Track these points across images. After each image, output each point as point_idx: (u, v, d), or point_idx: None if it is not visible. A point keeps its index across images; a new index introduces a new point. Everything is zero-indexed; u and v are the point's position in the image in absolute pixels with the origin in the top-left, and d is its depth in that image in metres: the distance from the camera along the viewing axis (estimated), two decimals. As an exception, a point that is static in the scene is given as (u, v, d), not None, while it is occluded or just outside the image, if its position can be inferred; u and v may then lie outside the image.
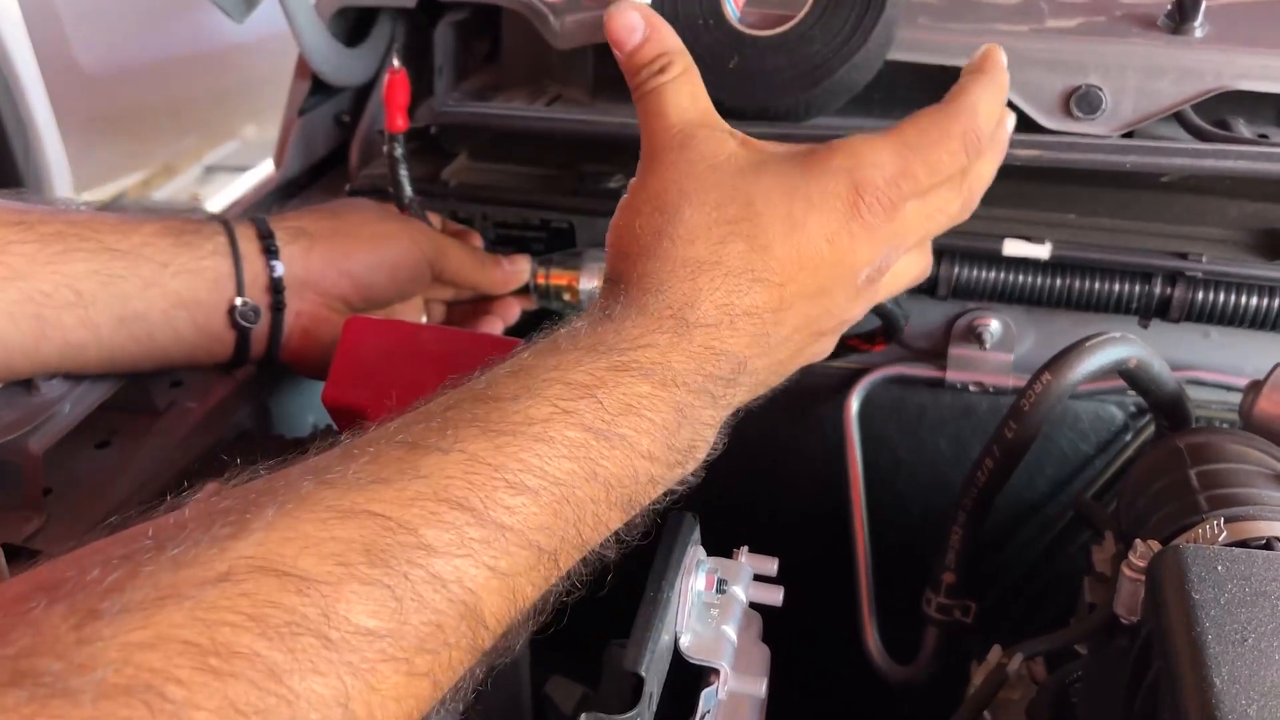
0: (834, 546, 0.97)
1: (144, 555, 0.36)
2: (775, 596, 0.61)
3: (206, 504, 0.40)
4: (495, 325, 0.87)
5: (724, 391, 0.53)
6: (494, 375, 0.48)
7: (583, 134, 0.83)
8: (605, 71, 0.91)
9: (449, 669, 0.40)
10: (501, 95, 1.05)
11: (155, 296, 0.70)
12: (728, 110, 0.80)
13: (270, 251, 0.75)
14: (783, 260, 0.53)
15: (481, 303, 0.88)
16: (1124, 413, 0.92)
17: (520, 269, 0.86)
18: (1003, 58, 0.60)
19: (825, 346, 0.60)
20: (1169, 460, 0.64)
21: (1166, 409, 0.77)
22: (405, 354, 0.67)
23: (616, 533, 0.50)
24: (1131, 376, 0.74)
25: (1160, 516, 0.60)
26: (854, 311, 0.58)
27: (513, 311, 0.88)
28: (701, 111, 0.59)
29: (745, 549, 0.64)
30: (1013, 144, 0.75)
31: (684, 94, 0.58)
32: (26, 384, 0.71)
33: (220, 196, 3.60)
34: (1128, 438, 0.94)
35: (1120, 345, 0.72)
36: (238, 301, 0.73)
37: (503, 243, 0.97)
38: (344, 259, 0.78)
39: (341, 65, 1.05)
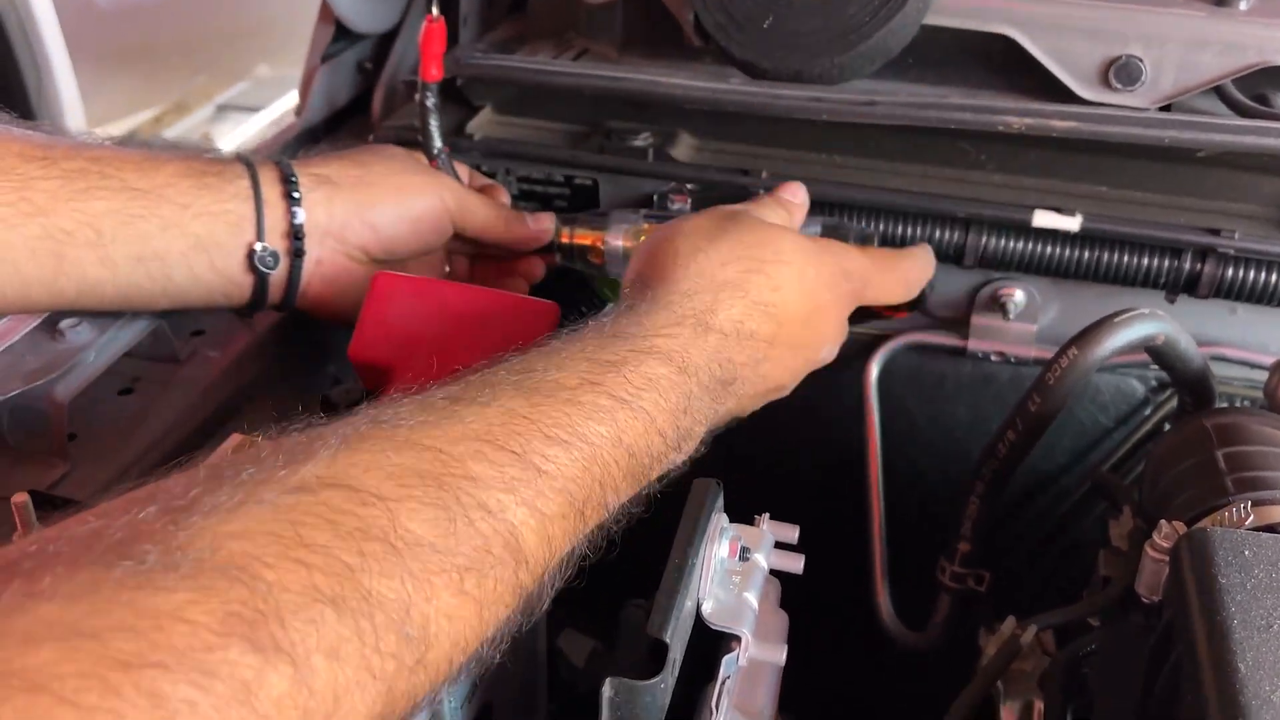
0: (848, 510, 0.97)
1: (225, 475, 0.39)
2: (796, 564, 0.62)
3: (276, 441, 0.44)
4: (519, 284, 0.87)
5: (720, 396, 0.58)
6: (524, 355, 0.52)
7: (610, 91, 0.82)
8: (634, 28, 0.90)
9: (493, 597, 0.43)
10: (527, 48, 1.04)
11: (174, 238, 0.69)
12: (761, 72, 0.80)
13: (292, 198, 0.74)
14: (788, 306, 0.62)
15: (506, 261, 0.88)
16: (1145, 386, 0.92)
17: (545, 227, 0.85)
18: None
19: (778, 394, 0.68)
20: (1195, 440, 0.64)
21: (1191, 386, 0.77)
22: (433, 312, 0.67)
23: (622, 506, 0.53)
24: (1158, 353, 0.74)
25: (1185, 497, 0.60)
26: (799, 377, 0.69)
27: (537, 269, 0.88)
28: None
29: (767, 516, 0.64)
30: (1050, 115, 0.75)
31: None
32: (51, 331, 0.71)
33: (232, 135, 3.58)
34: (1147, 411, 0.93)
35: (1149, 321, 0.72)
36: (257, 247, 0.72)
37: (526, 198, 0.96)
38: (367, 209, 0.77)
39: (365, 11, 1.04)
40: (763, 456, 0.99)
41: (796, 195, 0.74)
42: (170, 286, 0.71)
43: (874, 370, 0.95)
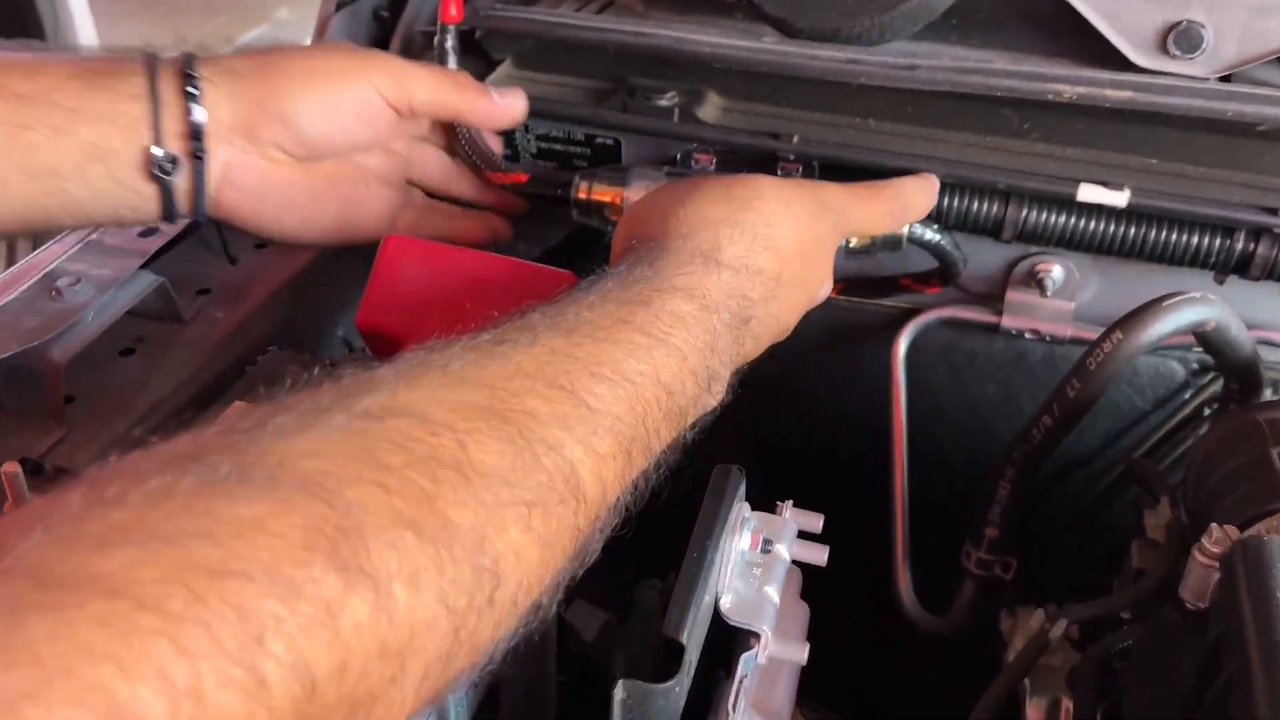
0: (870, 489, 0.94)
1: (286, 408, 0.38)
2: (820, 556, 0.59)
3: (331, 381, 0.42)
4: (478, 233, 0.82)
5: (740, 335, 0.57)
6: (550, 304, 0.51)
7: (635, 47, 0.78)
8: (661, -23, 0.86)
9: (554, 538, 0.42)
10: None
11: (66, 147, 0.63)
12: (795, 30, 0.75)
13: (189, 93, 0.66)
14: (785, 240, 0.60)
15: (467, 210, 0.83)
16: (1186, 369, 0.88)
17: (514, 103, 0.78)
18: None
19: (783, 335, 0.65)
20: (1247, 435, 0.60)
21: (1239, 373, 0.73)
22: (445, 279, 0.64)
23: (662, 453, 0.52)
24: (1206, 339, 0.70)
25: (1236, 498, 0.56)
26: (799, 316, 0.66)
27: (504, 228, 0.84)
28: None
29: (790, 504, 0.61)
30: (1103, 84, 0.70)
31: None
32: (49, 289, 0.69)
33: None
34: (1187, 395, 0.90)
35: (1200, 306, 0.68)
36: (154, 151, 0.65)
37: (544, 156, 0.92)
38: (274, 99, 0.68)
39: (382, -44, 1.00)
40: (784, 432, 0.96)
41: None
42: (70, 203, 0.65)
43: (902, 345, 0.92)
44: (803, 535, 0.60)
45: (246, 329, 0.78)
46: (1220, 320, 0.69)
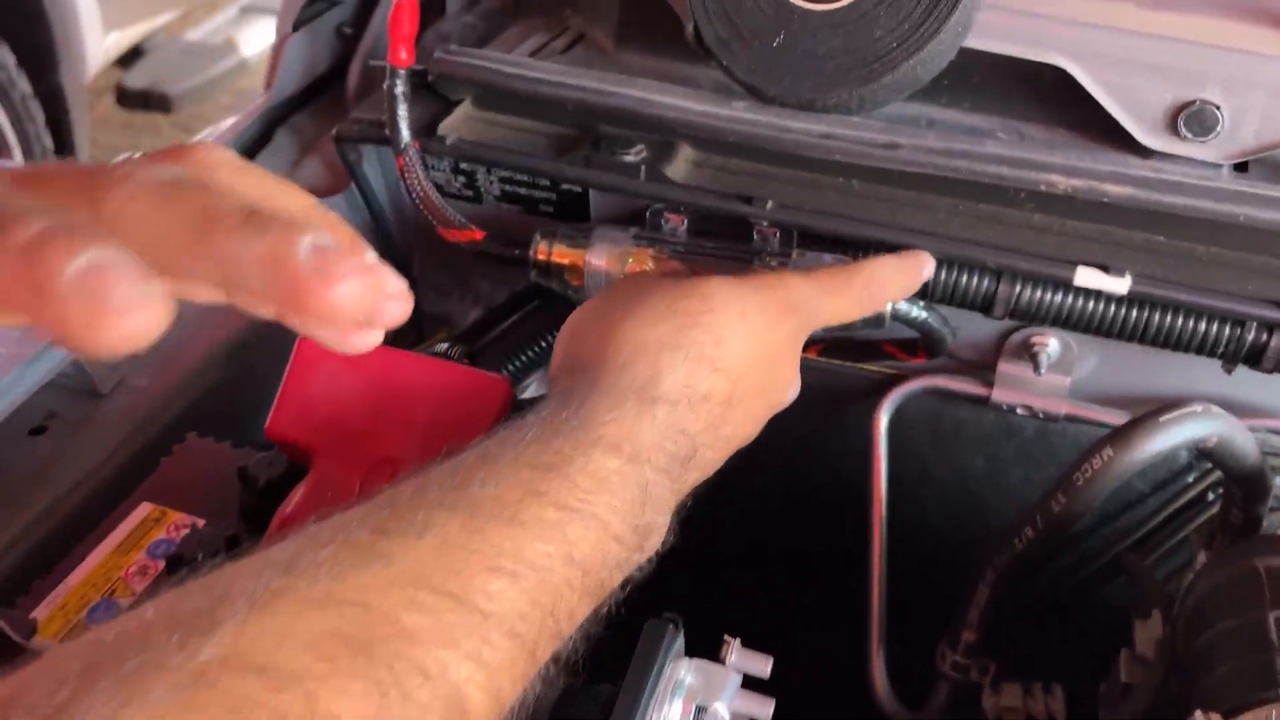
0: (848, 561, 0.89)
1: (104, 665, 0.32)
2: (765, 709, 0.53)
3: (170, 603, 0.36)
4: None
5: (679, 475, 0.51)
6: (459, 461, 0.45)
7: (595, 107, 0.71)
8: (631, 17, 0.79)
9: None
10: (518, 26, 0.93)
11: None
12: (768, 97, 0.69)
13: None
14: (737, 357, 0.54)
15: None
16: (1189, 452, 0.82)
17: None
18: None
19: (745, 443, 0.59)
20: (1244, 586, 0.54)
21: (1243, 483, 0.67)
22: (364, 384, 0.58)
23: (582, 625, 0.46)
24: (1209, 452, 0.64)
25: (1227, 671, 0.51)
26: (763, 423, 0.60)
27: None
28: None
29: (736, 644, 0.56)
30: (1103, 177, 0.63)
31: None
32: (-56, 373, 0.63)
33: (256, 36, 3.47)
34: (1190, 479, 0.84)
35: (1200, 422, 0.62)
36: None
37: (508, 199, 0.86)
38: None
39: (340, -25, 0.93)
40: (762, 493, 0.91)
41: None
42: None
43: (885, 413, 0.86)
44: (748, 683, 0.54)
45: (170, 402, 0.72)
46: (1223, 435, 0.63)
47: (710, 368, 0.53)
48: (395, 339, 1.01)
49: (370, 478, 0.55)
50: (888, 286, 0.66)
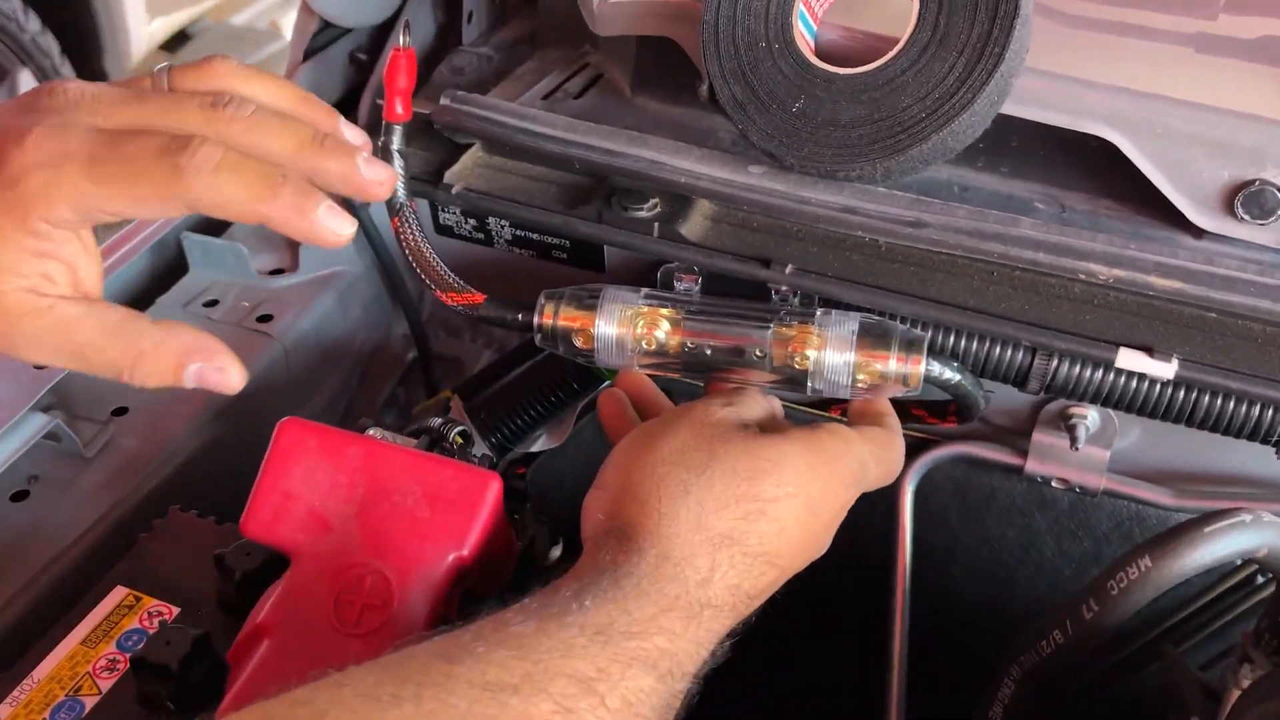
0: (870, 627, 0.84)
1: None
2: None
3: None
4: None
5: (702, 668, 0.49)
6: (491, 645, 0.42)
7: (603, 168, 0.67)
8: (647, 62, 0.74)
9: None
10: (537, 56, 0.89)
11: None
12: (787, 166, 0.64)
13: None
14: (793, 543, 0.53)
15: None
16: (1237, 534, 0.76)
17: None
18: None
19: None
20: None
21: (1295, 588, 0.62)
22: (347, 477, 0.54)
23: None
24: (1260, 562, 0.59)
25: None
26: None
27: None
28: None
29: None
30: (1148, 268, 0.58)
31: None
32: (-82, 445, 0.61)
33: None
34: (1238, 561, 0.78)
35: (1249, 532, 0.57)
36: None
37: (520, 245, 0.82)
38: None
39: (351, 4, 0.90)
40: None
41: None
42: None
43: (912, 480, 0.81)
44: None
45: (156, 468, 0.70)
46: (1276, 546, 0.58)
47: (765, 562, 0.51)
48: (407, 380, 0.98)
49: (347, 590, 0.52)
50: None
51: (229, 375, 0.51)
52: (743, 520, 0.50)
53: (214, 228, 0.89)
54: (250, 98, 0.48)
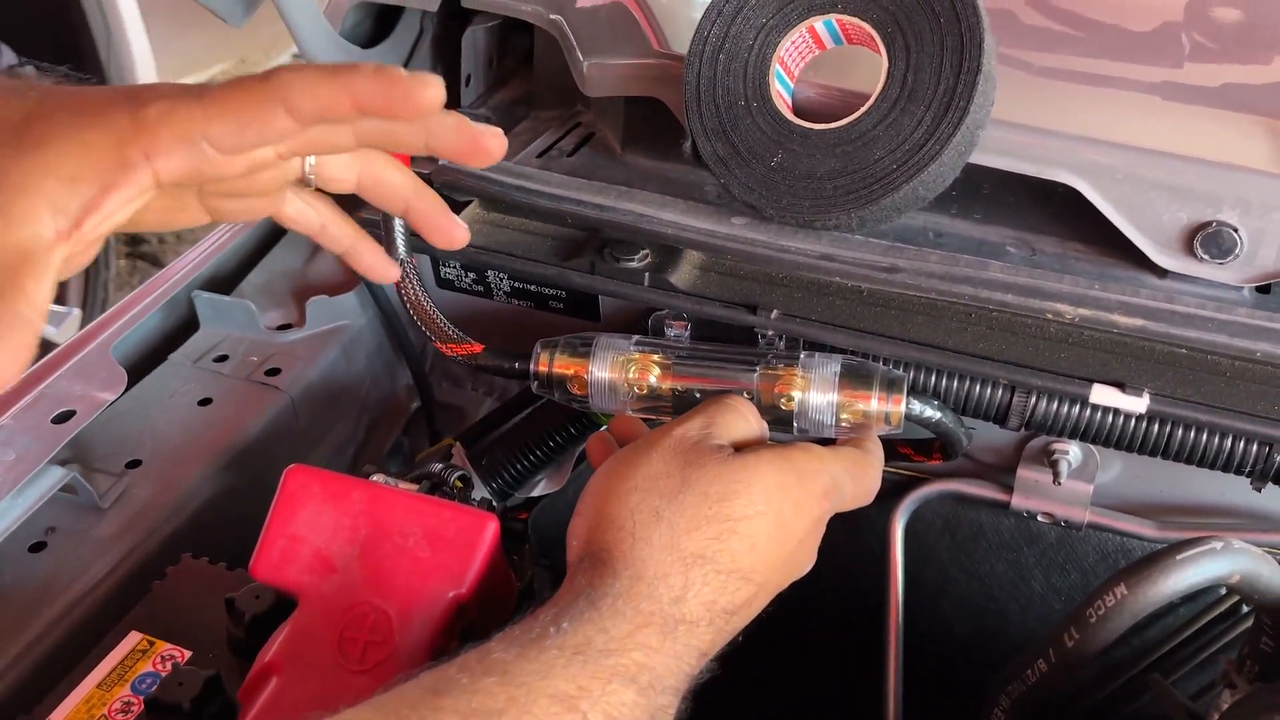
0: (864, 662, 0.86)
1: None
2: None
3: None
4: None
5: (687, 684, 0.50)
6: (475, 675, 0.44)
7: (594, 222, 0.70)
8: (635, 121, 0.78)
9: None
10: (531, 118, 0.92)
11: None
12: (767, 217, 0.67)
13: None
14: (767, 559, 0.54)
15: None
16: (1220, 564, 0.78)
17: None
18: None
19: None
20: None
21: (1275, 613, 0.64)
22: (350, 521, 0.57)
23: None
24: (1233, 588, 0.61)
25: None
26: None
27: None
28: None
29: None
30: (1111, 307, 0.61)
31: None
32: (-60, 499, 0.64)
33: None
34: (1222, 590, 0.80)
35: (1220, 559, 0.59)
36: None
37: (518, 296, 0.86)
38: None
39: (354, 70, 0.93)
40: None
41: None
42: None
43: (902, 516, 0.84)
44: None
45: (174, 512, 0.72)
46: (1246, 572, 0.60)
47: (739, 579, 0.52)
48: (411, 429, 1.00)
49: (350, 628, 0.54)
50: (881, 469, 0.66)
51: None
52: (714, 540, 0.52)
53: (224, 286, 0.92)
54: None
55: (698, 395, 0.66)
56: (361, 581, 0.55)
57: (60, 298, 2.37)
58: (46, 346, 2.24)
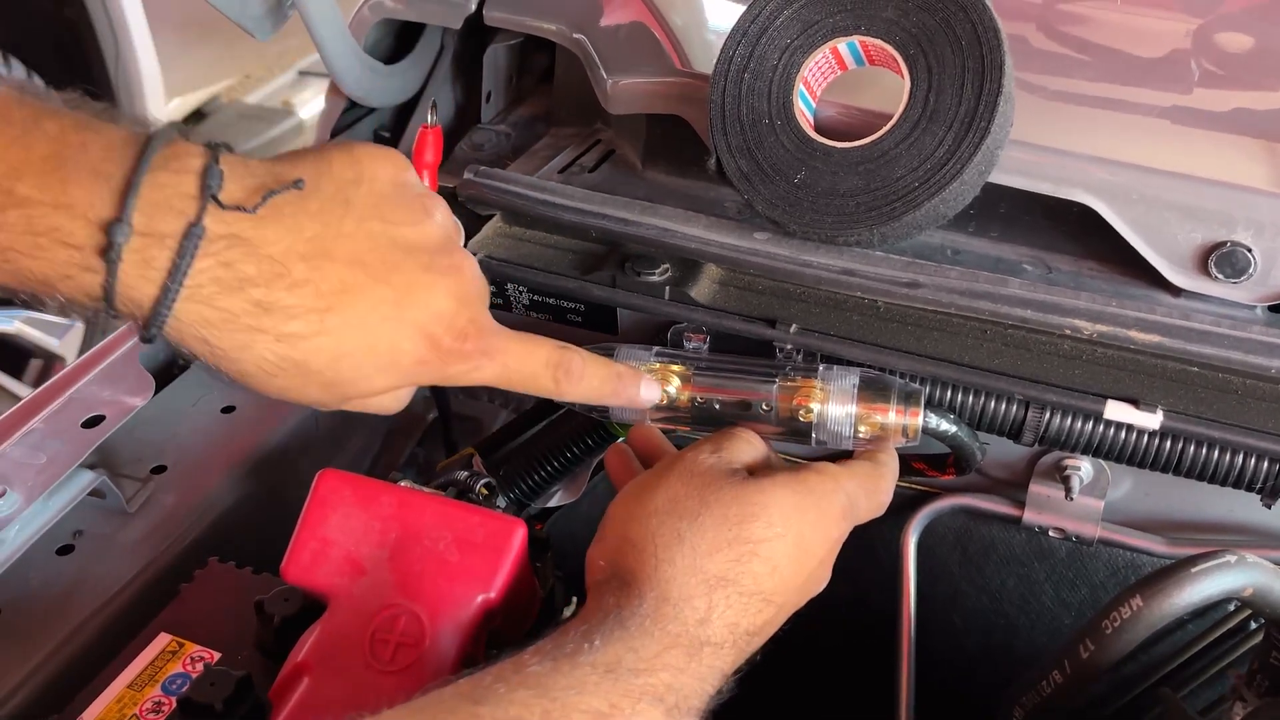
0: (876, 676, 0.87)
1: None
2: None
3: None
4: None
5: (708, 704, 0.52)
6: (511, 685, 0.46)
7: (618, 235, 0.72)
8: (656, 138, 0.79)
9: None
10: (553, 132, 0.94)
11: None
12: (789, 233, 0.69)
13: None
14: (787, 581, 0.55)
15: None
16: (1229, 581, 0.79)
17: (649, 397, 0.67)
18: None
19: None
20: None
21: (1283, 627, 0.65)
22: (381, 525, 0.58)
23: None
24: (1245, 601, 0.62)
25: None
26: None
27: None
28: None
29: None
30: (1128, 323, 0.62)
31: None
32: (-27, 501, 0.65)
33: (312, 101, 3.55)
34: (1230, 606, 0.81)
35: (1234, 573, 0.60)
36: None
37: (537, 309, 0.87)
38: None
39: (377, 86, 0.95)
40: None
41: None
42: None
43: (914, 532, 0.84)
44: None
45: (195, 521, 0.73)
46: (1259, 585, 0.61)
47: (761, 600, 0.54)
48: (426, 440, 1.01)
49: (381, 629, 0.55)
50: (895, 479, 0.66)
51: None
52: (735, 562, 0.53)
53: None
54: None
55: (716, 406, 0.67)
56: (392, 584, 0.56)
57: (64, 312, 2.39)
58: (50, 359, 2.21)
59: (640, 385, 0.65)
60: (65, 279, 0.45)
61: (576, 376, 0.59)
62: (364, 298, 0.49)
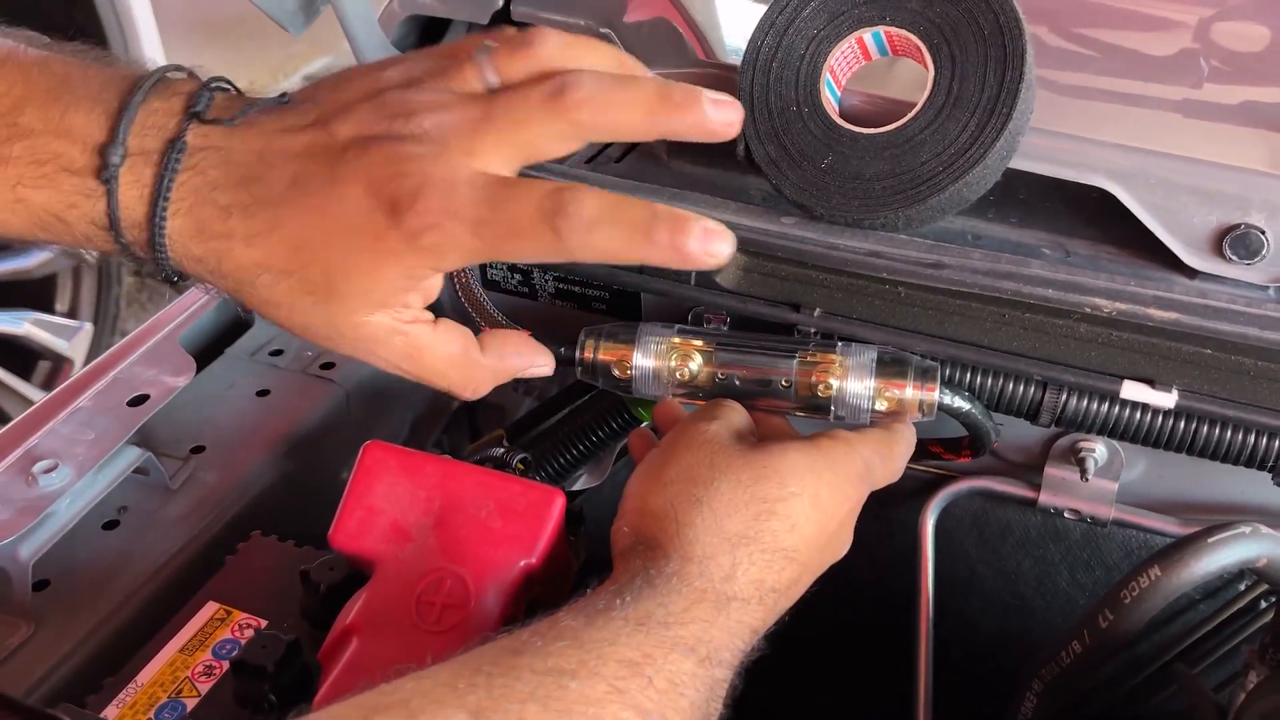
0: (895, 658, 0.89)
1: None
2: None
3: None
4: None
5: (740, 659, 0.54)
6: (548, 639, 0.48)
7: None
8: (685, 131, 0.81)
9: None
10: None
11: None
12: (816, 216, 0.71)
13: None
14: (808, 540, 0.57)
15: None
16: (1240, 561, 0.81)
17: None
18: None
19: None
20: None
21: (1295, 601, 0.67)
22: (424, 494, 0.60)
23: None
24: (1259, 572, 0.64)
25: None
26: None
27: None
28: None
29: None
30: (1147, 301, 0.64)
31: None
32: (25, 474, 0.67)
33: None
34: (1242, 586, 0.83)
35: (1249, 543, 0.62)
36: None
37: (562, 297, 0.89)
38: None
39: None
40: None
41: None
42: None
43: (932, 514, 0.87)
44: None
45: (237, 497, 0.75)
46: (1273, 556, 0.63)
47: (784, 558, 0.56)
48: (450, 428, 1.03)
49: (427, 592, 0.57)
50: (911, 445, 0.69)
51: (545, 370, 0.64)
52: (754, 520, 0.55)
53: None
54: (581, 70, 0.49)
55: (737, 382, 0.69)
56: (436, 549, 0.58)
57: (73, 312, 2.40)
58: (59, 361, 2.22)
59: (696, 226, 0.49)
60: (71, 208, 0.49)
61: (585, 220, 0.47)
62: (313, 182, 0.47)
